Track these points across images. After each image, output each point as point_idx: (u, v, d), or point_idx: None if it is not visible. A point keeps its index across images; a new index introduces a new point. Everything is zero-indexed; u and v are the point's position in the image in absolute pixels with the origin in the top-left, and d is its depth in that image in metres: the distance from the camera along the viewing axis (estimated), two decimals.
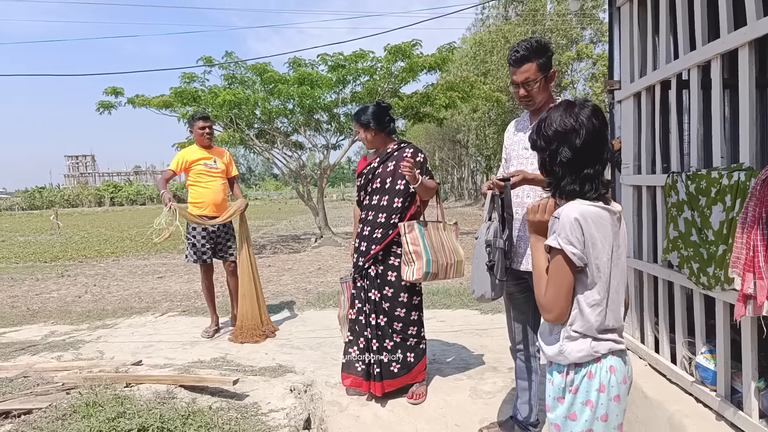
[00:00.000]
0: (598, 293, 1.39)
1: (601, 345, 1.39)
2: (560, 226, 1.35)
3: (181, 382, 2.70)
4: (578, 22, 21.59)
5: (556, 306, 1.38)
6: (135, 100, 11.62)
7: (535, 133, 1.50)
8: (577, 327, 1.40)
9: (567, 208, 1.38)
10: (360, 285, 3.08)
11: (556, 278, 1.37)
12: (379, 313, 3.05)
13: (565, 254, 1.34)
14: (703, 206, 2.22)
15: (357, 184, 3.25)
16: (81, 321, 5.18)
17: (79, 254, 11.61)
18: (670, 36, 2.70)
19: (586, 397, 1.39)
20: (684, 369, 2.58)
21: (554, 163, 1.44)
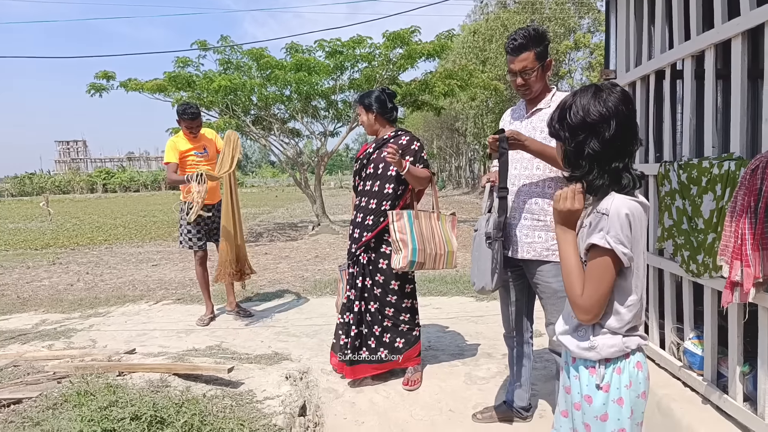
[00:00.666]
0: (635, 293, 1.34)
1: (631, 340, 1.35)
2: (610, 224, 1.25)
3: (175, 370, 2.72)
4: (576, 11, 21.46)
5: (595, 308, 1.30)
6: (128, 83, 11.48)
7: (558, 121, 1.36)
8: (611, 326, 1.34)
9: (616, 202, 1.27)
10: (352, 272, 3.12)
11: (599, 279, 1.28)
12: (369, 300, 3.08)
13: (614, 254, 1.26)
14: (694, 195, 2.24)
15: (354, 169, 3.28)
16: (73, 309, 5.17)
17: (70, 242, 11.55)
18: (665, 26, 2.70)
19: (617, 394, 1.35)
20: (672, 354, 2.62)
21: (580, 155, 1.32)
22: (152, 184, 47.09)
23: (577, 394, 1.41)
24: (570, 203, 1.35)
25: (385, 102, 3.15)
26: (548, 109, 2.32)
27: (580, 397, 1.40)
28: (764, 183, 1.74)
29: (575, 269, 1.34)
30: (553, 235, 2.27)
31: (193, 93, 11.21)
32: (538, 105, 2.36)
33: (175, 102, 11.31)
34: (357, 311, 3.07)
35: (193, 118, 4.27)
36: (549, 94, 2.37)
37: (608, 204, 1.28)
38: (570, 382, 1.45)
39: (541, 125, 2.31)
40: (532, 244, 2.34)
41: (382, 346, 3.08)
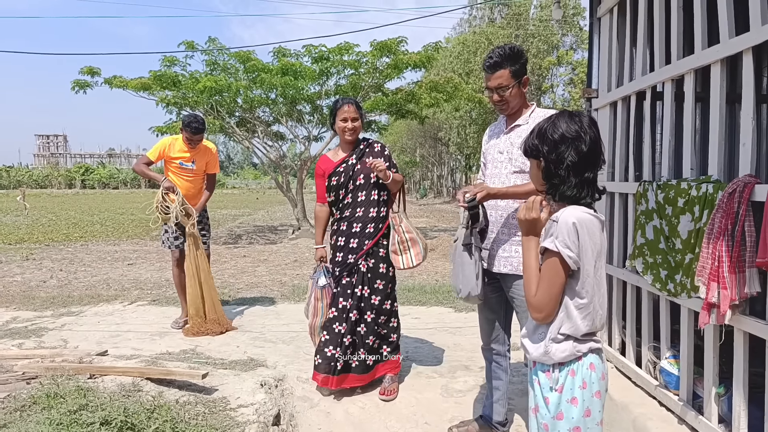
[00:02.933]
0: (585, 297, 1.44)
1: (583, 345, 1.46)
2: (558, 230, 1.40)
3: (148, 374, 2.65)
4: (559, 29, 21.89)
5: (546, 306, 1.43)
6: (112, 80, 11.32)
7: (537, 138, 1.51)
8: (564, 329, 1.45)
9: (566, 212, 1.42)
10: (346, 282, 3.08)
11: (549, 279, 1.42)
12: (366, 309, 3.07)
13: (561, 257, 1.39)
14: (670, 215, 2.28)
15: (331, 183, 3.15)
16: (45, 307, 5.03)
17: (45, 237, 11.30)
18: (647, 49, 2.77)
19: (570, 394, 1.45)
20: (649, 373, 2.66)
21: (559, 167, 1.46)
22: (132, 181, 46.32)
23: (537, 396, 1.53)
24: (528, 212, 1.49)
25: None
26: (527, 125, 2.35)
27: (540, 399, 1.51)
28: (741, 206, 1.78)
29: (533, 271, 1.47)
30: None
31: (178, 93, 11.09)
32: (516, 121, 2.40)
33: (160, 100, 11.17)
34: (353, 321, 3.05)
35: (195, 132, 4.20)
36: (528, 110, 2.41)
37: (560, 213, 1.43)
38: (532, 385, 1.57)
39: (519, 141, 2.35)
40: (509, 258, 2.36)
41: (372, 354, 3.09)
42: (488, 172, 2.48)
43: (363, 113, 3.18)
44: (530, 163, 1.59)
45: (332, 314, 3.09)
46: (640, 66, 2.75)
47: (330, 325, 3.08)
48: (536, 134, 1.52)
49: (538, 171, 1.53)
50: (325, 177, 3.18)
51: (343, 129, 3.10)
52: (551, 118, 1.51)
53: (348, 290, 3.08)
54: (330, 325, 3.08)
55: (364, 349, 3.06)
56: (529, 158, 1.58)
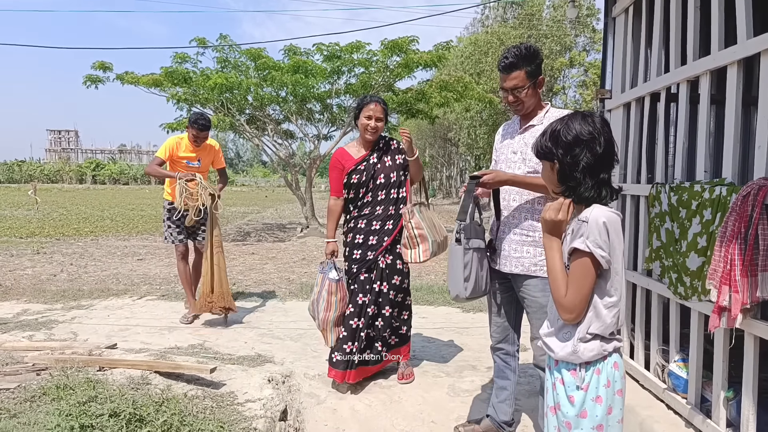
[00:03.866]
0: (615, 295, 1.45)
1: (609, 345, 1.47)
2: (589, 230, 1.39)
3: (157, 368, 2.67)
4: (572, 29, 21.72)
5: (578, 307, 1.43)
6: (124, 76, 11.41)
7: (550, 141, 1.51)
8: (594, 329, 1.45)
9: (595, 212, 1.42)
10: (365, 278, 3.11)
11: (580, 280, 1.42)
12: (384, 305, 3.12)
13: (593, 257, 1.39)
14: (683, 218, 2.26)
15: (351, 180, 3.13)
16: (55, 300, 5.08)
17: (56, 231, 11.40)
18: (662, 49, 2.74)
19: (595, 393, 1.46)
20: (657, 376, 2.64)
21: (575, 169, 1.46)
22: (142, 177, 46.60)
23: (560, 395, 1.53)
24: (555, 214, 1.48)
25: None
26: (541, 125, 2.34)
27: (564, 397, 1.51)
28: (755, 210, 1.76)
29: (560, 273, 1.47)
30: (541, 250, 2.30)
31: (189, 89, 11.14)
32: (531, 121, 2.38)
33: (171, 97, 11.24)
34: (371, 315, 3.09)
35: (202, 129, 4.29)
36: (542, 110, 2.39)
37: (588, 213, 1.43)
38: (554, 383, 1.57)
39: (533, 141, 2.33)
40: (520, 258, 2.35)
41: (386, 347, 3.18)
42: None
43: (388, 115, 3.18)
44: (543, 165, 1.59)
45: (349, 310, 3.11)
46: (655, 67, 2.73)
47: (347, 321, 3.10)
48: (549, 136, 1.51)
49: (552, 173, 1.52)
50: (345, 172, 3.16)
51: (365, 126, 3.09)
52: (564, 120, 1.51)
53: (366, 286, 3.11)
54: (347, 322, 3.10)
55: (381, 343, 3.14)
56: (541, 160, 1.58)
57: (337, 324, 3.13)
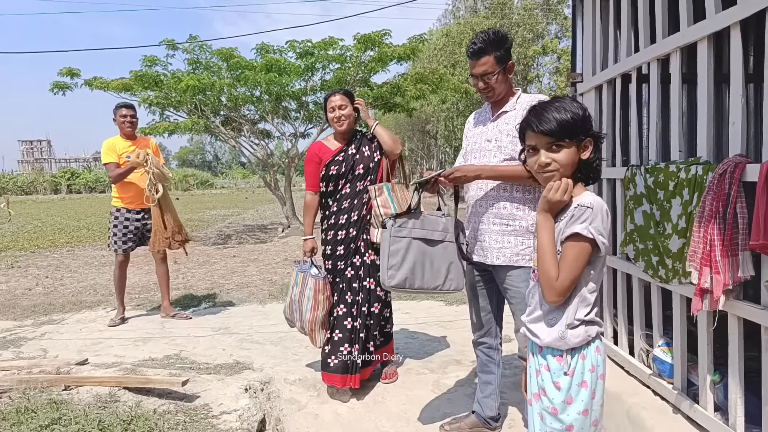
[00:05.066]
0: (598, 282, 1.48)
1: (592, 329, 1.48)
2: (592, 216, 1.40)
3: (126, 383, 2.55)
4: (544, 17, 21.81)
5: (567, 290, 1.43)
6: (92, 82, 11.08)
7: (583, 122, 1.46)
8: (581, 314, 1.46)
9: (597, 199, 1.43)
10: (352, 275, 3.01)
11: (575, 264, 1.41)
12: (374, 302, 3.03)
13: (594, 243, 1.40)
14: (662, 200, 2.21)
15: (330, 172, 3.04)
16: (25, 316, 4.90)
17: (31, 244, 11.08)
18: (631, 29, 2.69)
19: (581, 378, 1.47)
20: (642, 361, 2.60)
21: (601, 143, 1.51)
22: None
23: (545, 381, 1.52)
24: (562, 194, 1.44)
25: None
26: (514, 111, 2.28)
27: (549, 383, 1.51)
28: (732, 188, 1.71)
29: (552, 254, 1.45)
30: (522, 239, 2.26)
31: (160, 92, 10.88)
32: (503, 107, 2.33)
33: (142, 101, 10.97)
34: (366, 314, 3.00)
35: (130, 106, 4.51)
36: (514, 96, 2.34)
37: (591, 199, 1.43)
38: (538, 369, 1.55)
39: (507, 128, 2.27)
40: (501, 249, 2.29)
41: (375, 346, 3.10)
42: (475, 161, 2.40)
43: (354, 101, 3.11)
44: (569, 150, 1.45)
45: (341, 311, 2.99)
46: (625, 48, 2.68)
47: (341, 322, 2.98)
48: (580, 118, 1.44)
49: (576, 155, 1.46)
50: (322, 165, 3.07)
51: (333, 119, 3.06)
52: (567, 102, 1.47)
53: (354, 284, 3.01)
54: (341, 323, 2.98)
55: (373, 342, 3.06)
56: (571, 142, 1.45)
57: (324, 324, 3.02)
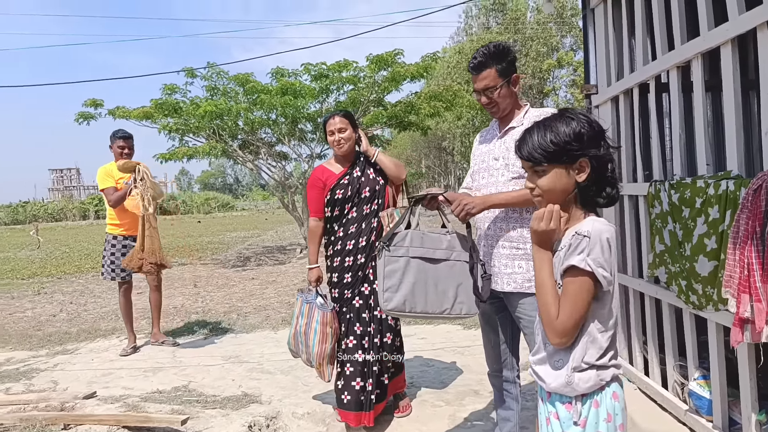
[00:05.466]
0: (610, 318, 1.32)
1: (606, 373, 1.32)
2: (591, 246, 1.24)
3: (125, 422, 2.46)
4: (558, 30, 21.72)
5: (571, 331, 1.28)
6: (115, 111, 11.37)
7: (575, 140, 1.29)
8: (590, 357, 1.30)
9: (597, 225, 1.27)
10: (361, 305, 2.85)
11: (576, 301, 1.26)
12: (386, 331, 2.86)
13: (594, 277, 1.24)
14: (687, 218, 2.04)
15: (335, 196, 2.90)
16: (41, 346, 4.88)
17: (58, 270, 11.28)
18: (646, 37, 2.54)
19: (594, 429, 1.31)
20: (676, 395, 2.38)
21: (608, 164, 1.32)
22: None
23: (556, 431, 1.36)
24: (546, 223, 1.31)
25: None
26: (521, 127, 2.14)
27: None
28: None
29: (551, 291, 1.31)
30: None
31: (179, 119, 11.07)
32: (510, 123, 2.20)
33: (162, 128, 11.17)
34: (378, 346, 2.82)
35: (127, 137, 4.49)
36: (521, 111, 2.21)
37: (589, 227, 1.27)
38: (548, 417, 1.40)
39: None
40: (512, 275, 2.13)
41: (388, 378, 2.90)
42: (483, 181, 2.26)
43: (355, 123, 2.98)
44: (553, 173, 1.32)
45: (351, 343, 2.82)
46: (641, 56, 2.53)
47: (351, 355, 2.81)
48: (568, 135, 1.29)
49: (568, 178, 1.31)
50: (327, 189, 2.92)
51: (332, 143, 2.91)
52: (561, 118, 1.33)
53: (364, 314, 2.84)
54: (351, 356, 2.81)
55: (387, 375, 2.87)
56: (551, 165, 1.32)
57: (332, 357, 2.86)
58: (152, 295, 4.69)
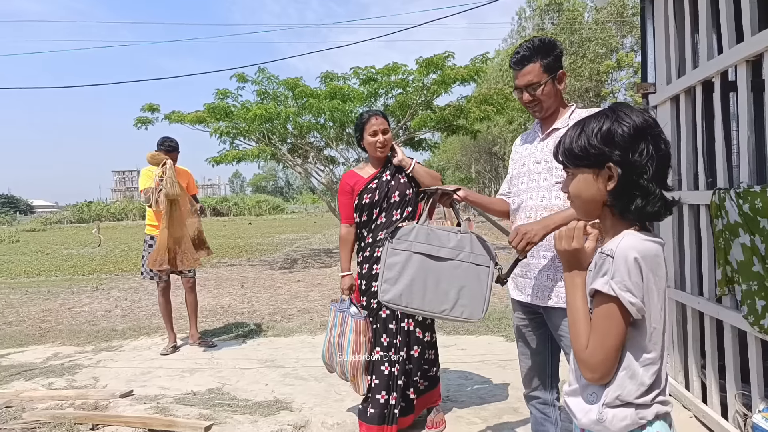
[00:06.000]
0: (653, 350, 1.12)
1: (647, 411, 1.12)
2: (615, 268, 1.08)
3: (150, 425, 2.47)
4: (618, 30, 20.79)
5: (602, 365, 1.12)
6: (171, 116, 11.82)
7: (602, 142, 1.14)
8: (627, 395, 1.12)
9: (625, 242, 1.09)
10: (387, 315, 2.75)
11: (605, 331, 1.10)
12: (413, 345, 2.76)
13: (620, 303, 1.08)
14: (767, 229, 1.80)
15: (363, 201, 2.84)
16: (88, 342, 5.07)
17: (116, 267, 11.82)
18: (712, 30, 2.30)
19: None
20: (738, 427, 2.13)
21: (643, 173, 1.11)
22: None
23: None
24: (567, 243, 1.19)
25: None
26: (566, 128, 1.96)
27: None
28: None
29: (582, 318, 1.16)
30: None
31: (231, 123, 11.39)
32: (554, 124, 2.02)
33: (214, 131, 11.53)
34: (404, 359, 2.73)
35: (169, 151, 4.46)
36: (567, 111, 2.03)
37: (615, 244, 1.10)
38: None
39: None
40: (554, 288, 1.96)
41: (417, 393, 2.80)
42: (523, 186, 2.10)
43: (390, 126, 2.91)
44: (578, 178, 1.20)
45: (377, 354, 2.73)
46: (705, 51, 2.29)
47: (378, 367, 2.72)
48: (597, 136, 1.14)
49: (600, 185, 1.15)
50: (355, 194, 2.86)
51: (374, 144, 2.79)
52: (603, 115, 1.16)
53: (390, 325, 2.74)
54: (378, 368, 2.72)
55: (413, 389, 2.76)
56: (576, 169, 1.20)
57: (367, 369, 2.77)
58: (188, 296, 4.78)
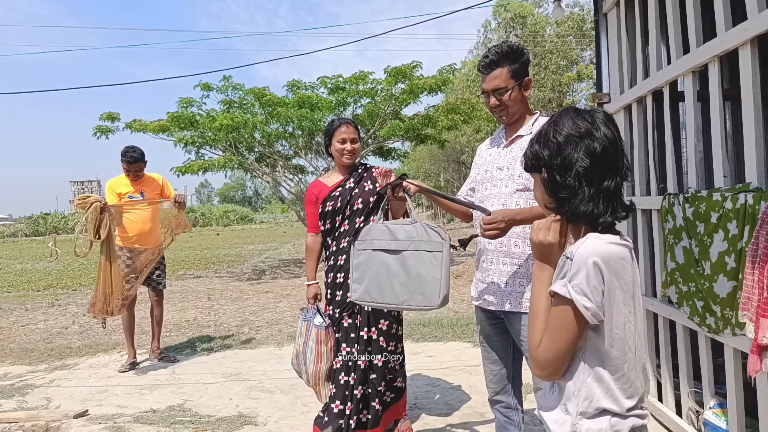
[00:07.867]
0: (617, 355, 1.11)
1: (623, 423, 1.11)
2: (573, 270, 1.07)
3: None
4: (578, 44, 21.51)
5: (551, 364, 1.12)
6: (132, 124, 11.50)
7: (538, 143, 1.20)
8: (599, 400, 1.11)
9: (585, 246, 1.08)
10: (349, 324, 2.73)
11: (556, 331, 1.10)
12: (375, 353, 2.73)
13: (575, 306, 1.07)
14: (702, 233, 1.87)
15: (325, 209, 2.82)
16: (41, 361, 4.82)
17: (73, 282, 11.39)
18: (661, 42, 2.40)
19: None
20: (691, 424, 2.20)
21: (566, 174, 1.14)
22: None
23: None
24: (543, 234, 1.18)
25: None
26: (530, 135, 2.01)
27: None
28: None
29: (541, 315, 1.16)
30: None
31: (195, 132, 11.18)
32: (518, 131, 2.05)
33: (178, 141, 11.28)
34: (363, 369, 2.69)
35: (130, 162, 4.34)
36: (531, 118, 2.07)
37: (576, 247, 1.09)
38: None
39: (521, 154, 2.00)
40: (512, 293, 1.99)
41: (383, 405, 2.74)
42: (486, 192, 2.13)
43: (360, 136, 2.91)
44: (534, 180, 1.26)
45: (337, 364, 2.71)
46: (655, 62, 2.38)
47: (336, 376, 2.70)
48: (536, 139, 1.22)
49: (542, 185, 1.20)
50: (318, 203, 2.85)
51: (341, 151, 2.80)
52: (554, 118, 1.21)
53: (352, 334, 2.72)
54: (336, 377, 2.70)
55: (378, 399, 2.70)
56: (531, 173, 1.25)
57: (329, 377, 2.75)
58: (154, 308, 4.64)
